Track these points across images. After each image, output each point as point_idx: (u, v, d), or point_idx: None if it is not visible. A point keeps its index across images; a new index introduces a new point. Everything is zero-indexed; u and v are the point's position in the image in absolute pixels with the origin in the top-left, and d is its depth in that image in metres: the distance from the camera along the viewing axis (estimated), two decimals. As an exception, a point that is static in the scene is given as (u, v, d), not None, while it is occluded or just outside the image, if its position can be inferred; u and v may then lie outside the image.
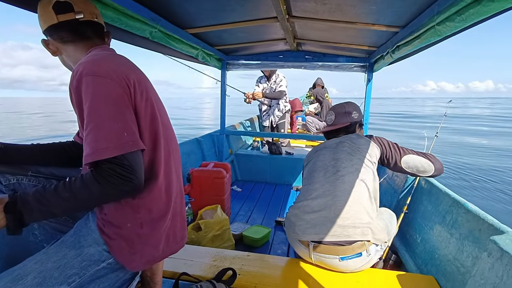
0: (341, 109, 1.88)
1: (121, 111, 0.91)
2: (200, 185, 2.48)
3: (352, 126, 1.87)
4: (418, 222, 1.88)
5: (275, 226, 2.63)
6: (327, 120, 1.93)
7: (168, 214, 1.07)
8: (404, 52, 2.10)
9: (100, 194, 0.88)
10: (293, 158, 3.92)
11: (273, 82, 4.67)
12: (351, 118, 1.87)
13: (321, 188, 1.61)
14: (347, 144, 1.72)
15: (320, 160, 1.73)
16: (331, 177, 1.60)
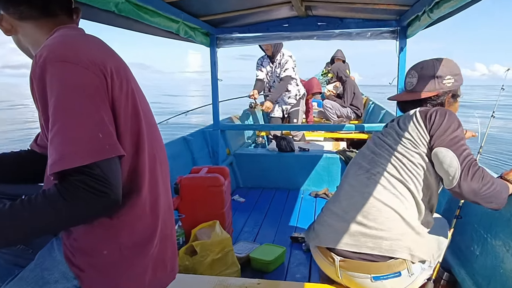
0: (429, 69, 1.63)
1: (96, 107, 0.91)
2: (191, 197, 2.49)
3: (440, 98, 1.63)
4: (475, 228, 1.87)
5: (291, 244, 2.63)
6: (405, 82, 1.72)
7: (155, 237, 1.07)
8: (446, 9, 2.08)
9: (67, 214, 0.88)
10: (309, 156, 3.92)
11: (278, 65, 4.66)
12: (441, 85, 1.61)
13: (349, 187, 1.61)
14: (404, 123, 1.57)
15: (364, 148, 1.72)
16: (362, 175, 1.60)
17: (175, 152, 3.23)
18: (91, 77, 0.91)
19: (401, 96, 1.73)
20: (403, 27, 3.19)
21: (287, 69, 4.62)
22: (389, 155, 1.56)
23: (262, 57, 4.80)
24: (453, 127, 1.46)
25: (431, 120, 1.50)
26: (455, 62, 1.66)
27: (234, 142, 4.51)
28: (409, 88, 1.69)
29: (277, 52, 4.62)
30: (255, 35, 3.54)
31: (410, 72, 1.69)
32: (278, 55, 4.64)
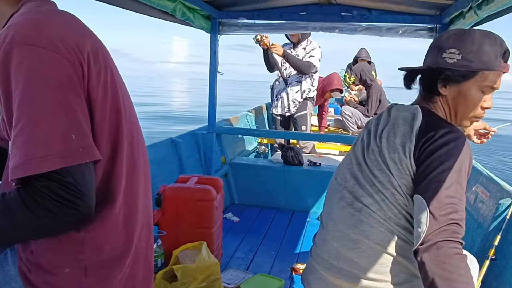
0: (438, 38, 1.48)
1: (69, 102, 0.91)
2: (175, 211, 2.49)
3: (429, 78, 1.47)
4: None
5: (290, 277, 2.63)
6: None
7: (127, 257, 1.08)
8: (498, 7, 2.10)
9: (28, 224, 0.89)
10: (320, 172, 3.93)
11: (301, 50, 4.65)
12: (437, 59, 1.42)
13: (332, 226, 1.56)
14: (391, 129, 1.45)
15: (344, 165, 1.64)
16: (347, 209, 1.52)
17: (160, 157, 3.24)
18: (64, 64, 0.91)
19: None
20: (444, 24, 3.21)
21: (313, 56, 4.60)
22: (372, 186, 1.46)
23: (285, 44, 4.81)
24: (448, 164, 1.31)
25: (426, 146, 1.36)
26: (493, 35, 1.41)
27: (232, 149, 4.52)
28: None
29: (303, 38, 4.65)
30: (265, 23, 3.57)
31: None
32: (305, 41, 4.67)
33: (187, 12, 3.00)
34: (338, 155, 5.26)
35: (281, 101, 4.90)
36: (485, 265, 1.93)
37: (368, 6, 3.32)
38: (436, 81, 1.44)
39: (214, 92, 3.82)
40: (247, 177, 4.06)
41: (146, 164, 1.19)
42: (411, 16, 3.28)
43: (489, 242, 2.16)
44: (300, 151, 4.13)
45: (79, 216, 0.90)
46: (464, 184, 1.35)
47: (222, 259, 2.73)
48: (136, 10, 2.64)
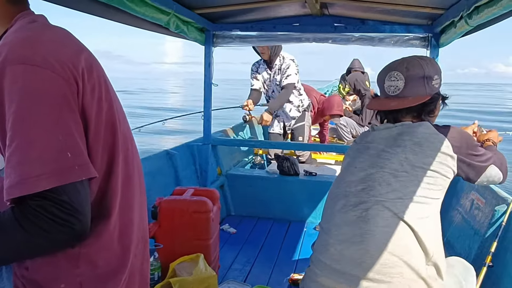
0: (416, 69, 1.66)
1: (64, 120, 0.91)
2: (172, 224, 2.48)
3: (433, 103, 1.70)
4: None
5: (289, 287, 2.61)
6: (385, 86, 1.71)
7: (123, 272, 1.07)
8: (488, 16, 2.12)
9: (23, 244, 0.88)
10: (316, 182, 3.93)
11: (278, 71, 4.66)
12: (431, 87, 1.67)
13: (335, 230, 1.59)
14: (406, 146, 1.58)
15: (347, 174, 1.69)
16: (351, 212, 1.56)
17: (155, 169, 3.23)
18: (59, 83, 0.91)
19: (387, 104, 1.70)
20: (436, 34, 3.24)
21: (290, 75, 4.59)
22: (391, 189, 1.54)
23: (258, 62, 4.77)
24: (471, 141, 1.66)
25: (454, 139, 1.60)
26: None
27: (227, 160, 4.51)
28: (393, 93, 1.68)
29: (275, 56, 4.58)
30: (259, 34, 3.58)
31: (392, 74, 1.68)
32: (277, 59, 4.62)
33: (181, 25, 3.02)
34: (334, 165, 5.27)
35: (279, 120, 4.97)
36: (482, 272, 1.93)
37: (360, 17, 3.35)
38: (436, 104, 1.72)
39: (209, 104, 3.82)
40: (243, 188, 4.05)
41: (140, 178, 1.19)
42: (404, 26, 3.31)
43: (486, 249, 2.16)
44: (296, 161, 4.13)
45: (73, 234, 0.89)
46: None
47: (219, 271, 2.72)
48: (130, 24, 2.65)
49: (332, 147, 5.38)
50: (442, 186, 1.56)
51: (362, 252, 1.50)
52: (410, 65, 1.66)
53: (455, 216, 2.93)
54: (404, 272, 1.46)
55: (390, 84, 1.69)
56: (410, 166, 1.55)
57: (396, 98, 1.68)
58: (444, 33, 3.11)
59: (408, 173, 1.55)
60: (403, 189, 1.53)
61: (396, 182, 1.54)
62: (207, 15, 3.31)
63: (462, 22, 2.43)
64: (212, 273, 2.18)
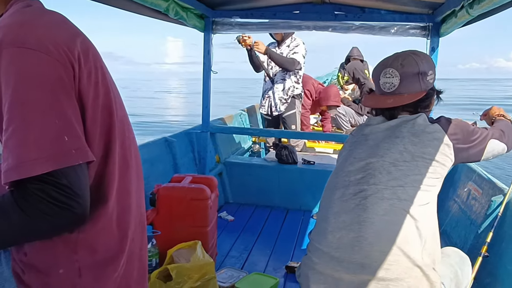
0: (411, 66, 1.68)
1: (61, 104, 0.91)
2: (170, 211, 2.49)
3: (429, 99, 1.74)
4: (508, 270, 1.89)
5: (285, 275, 2.63)
6: (381, 83, 1.73)
7: (121, 257, 1.08)
8: (489, 5, 2.11)
9: (24, 227, 0.89)
10: (314, 170, 3.94)
11: (285, 47, 4.65)
12: (426, 83, 1.70)
13: (333, 218, 1.60)
14: (404, 137, 1.61)
15: (346, 165, 1.71)
16: (350, 201, 1.59)
17: (154, 156, 3.23)
18: (55, 65, 0.91)
19: (383, 102, 1.72)
20: (436, 23, 3.23)
21: (297, 52, 4.59)
22: (391, 177, 1.57)
23: (270, 43, 4.81)
24: (466, 127, 1.69)
25: (452, 130, 1.64)
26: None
27: (226, 148, 4.52)
28: (389, 90, 1.70)
29: (287, 36, 4.64)
30: (259, 22, 3.57)
31: (388, 71, 1.70)
32: (288, 39, 4.66)
33: (180, 11, 3.00)
34: (333, 154, 5.28)
35: (268, 100, 4.87)
36: (477, 262, 1.94)
37: (361, 5, 3.33)
38: (431, 99, 1.76)
39: (208, 92, 3.81)
40: (241, 176, 4.06)
41: (138, 164, 1.19)
42: (404, 15, 3.30)
43: (482, 239, 2.17)
44: (294, 149, 4.14)
45: (74, 217, 0.90)
46: None
47: (217, 258, 2.74)
48: (129, 9, 2.63)
49: (331, 136, 5.38)
50: (441, 174, 1.59)
51: (361, 240, 1.51)
52: (405, 62, 1.68)
53: (452, 206, 2.95)
54: (401, 260, 1.48)
55: (385, 81, 1.71)
56: (410, 156, 1.57)
57: (391, 95, 1.70)
58: (444, 23, 3.09)
59: (408, 162, 1.57)
60: (403, 178, 1.55)
61: (397, 171, 1.56)
62: (206, 1, 3.29)
63: (463, 11, 2.42)
64: (209, 260, 2.19)
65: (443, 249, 1.69)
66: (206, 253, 2.27)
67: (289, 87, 4.75)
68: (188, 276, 2.07)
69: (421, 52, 1.77)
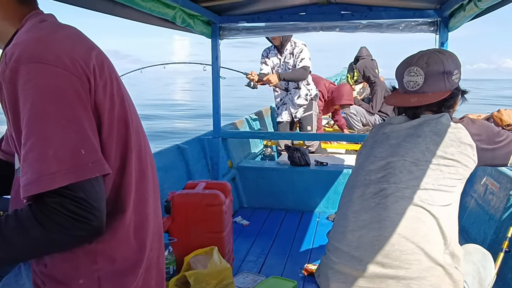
0: (436, 64, 1.65)
1: (78, 118, 0.92)
2: (185, 217, 2.49)
3: (453, 99, 1.70)
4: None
5: (303, 278, 2.62)
6: (404, 81, 1.70)
7: (140, 266, 1.09)
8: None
9: (42, 241, 0.90)
10: (327, 171, 3.92)
11: (289, 55, 4.64)
12: (451, 82, 1.66)
13: (353, 217, 1.59)
14: (426, 136, 1.59)
15: (366, 163, 1.69)
16: (371, 199, 1.58)
17: (167, 164, 3.25)
18: (72, 80, 0.92)
19: (407, 100, 1.70)
20: (445, 18, 3.20)
21: (304, 58, 4.55)
22: (412, 177, 1.55)
23: (268, 48, 4.77)
24: (491, 127, 1.64)
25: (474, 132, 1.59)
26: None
27: (238, 153, 4.53)
28: (413, 88, 1.68)
29: (286, 41, 4.59)
30: (265, 25, 3.57)
31: (412, 70, 1.67)
32: (288, 44, 4.61)
33: (187, 19, 3.01)
34: (345, 154, 5.25)
35: (287, 108, 4.91)
36: (499, 258, 1.92)
37: (367, 3, 3.32)
38: (456, 99, 1.72)
39: (217, 97, 3.82)
40: (254, 180, 4.06)
41: (154, 173, 1.20)
42: (411, 11, 3.27)
43: (502, 234, 2.15)
44: (306, 151, 4.12)
45: (91, 230, 0.91)
46: None
47: (233, 263, 2.73)
48: (137, 19, 2.66)
49: (343, 136, 5.36)
50: (463, 176, 1.56)
51: (381, 239, 1.50)
52: (430, 60, 1.65)
53: (469, 202, 2.92)
54: (422, 259, 1.47)
55: (409, 79, 1.68)
56: (431, 155, 1.55)
57: (415, 93, 1.67)
58: (453, 17, 3.07)
59: (430, 162, 1.55)
60: (425, 178, 1.53)
61: (418, 171, 1.54)
62: (213, 7, 3.30)
63: (471, 4, 2.40)
64: (226, 265, 2.19)
65: (463, 246, 1.66)
66: (223, 259, 2.27)
67: (305, 93, 4.80)
68: (206, 282, 2.07)
69: (447, 51, 1.74)
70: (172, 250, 2.37)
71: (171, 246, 2.38)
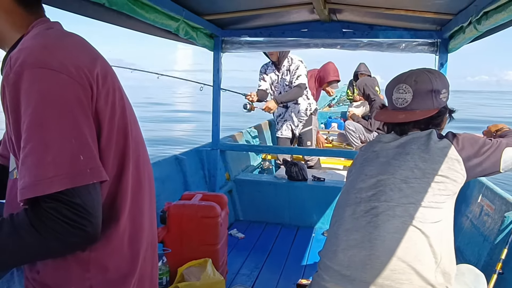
0: (424, 83, 1.69)
1: (78, 125, 0.93)
2: (180, 229, 2.49)
3: (441, 117, 1.74)
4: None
5: (297, 293, 2.61)
6: (393, 98, 1.73)
7: (132, 276, 1.08)
8: (497, 22, 2.11)
9: (36, 246, 0.90)
10: (324, 187, 3.93)
11: (286, 72, 4.69)
12: (439, 100, 1.70)
13: (346, 239, 1.58)
14: (414, 153, 1.61)
15: (357, 182, 1.70)
16: (361, 218, 1.57)
17: (164, 174, 3.25)
18: (75, 87, 0.93)
19: (395, 117, 1.72)
20: (445, 39, 3.24)
21: (300, 75, 4.61)
22: (402, 195, 1.55)
23: (266, 64, 4.83)
24: (474, 139, 1.65)
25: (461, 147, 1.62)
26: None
27: (236, 165, 4.53)
28: (401, 105, 1.71)
29: (283, 57, 4.65)
30: (267, 40, 3.60)
31: (401, 87, 1.71)
32: (285, 60, 4.67)
33: (190, 31, 3.04)
34: (342, 170, 5.25)
35: (287, 124, 4.95)
36: (492, 280, 1.92)
37: (369, 23, 3.36)
38: (443, 118, 1.76)
39: (217, 110, 3.84)
40: (251, 193, 4.06)
41: (151, 182, 1.20)
42: (412, 32, 3.31)
43: (496, 256, 2.14)
44: (304, 166, 4.13)
45: (86, 237, 0.91)
46: None
47: (227, 276, 2.72)
48: (141, 30, 2.68)
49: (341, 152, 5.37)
50: (452, 191, 1.57)
51: (372, 258, 1.50)
52: (419, 79, 1.69)
53: (464, 223, 2.92)
54: (413, 278, 1.46)
55: (398, 97, 1.71)
56: (421, 173, 1.56)
57: (403, 110, 1.70)
58: (453, 39, 3.10)
59: (419, 179, 1.56)
60: (415, 195, 1.54)
61: (408, 188, 1.55)
62: (216, 21, 3.33)
63: (471, 27, 2.43)
64: (220, 278, 2.18)
65: (457, 267, 1.66)
66: (216, 271, 2.27)
67: (305, 108, 4.84)
68: (198, 294, 2.07)
69: (436, 70, 1.78)
70: (166, 260, 2.37)
71: (165, 257, 2.38)
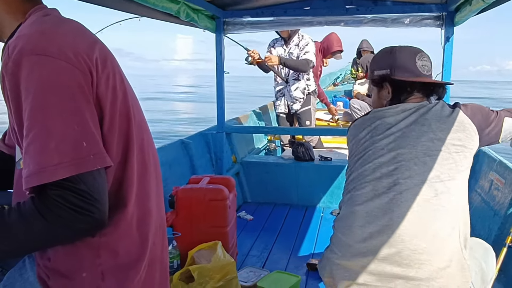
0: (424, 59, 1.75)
1: (80, 110, 0.93)
2: (189, 212, 2.50)
3: (446, 88, 1.79)
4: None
5: (307, 272, 2.63)
6: (418, 65, 1.67)
7: (142, 260, 1.09)
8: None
9: (44, 233, 0.91)
10: (331, 166, 3.92)
11: (294, 46, 4.64)
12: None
13: (366, 215, 1.54)
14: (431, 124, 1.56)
15: (376, 156, 1.60)
16: (383, 195, 1.53)
17: (171, 158, 3.26)
18: (75, 73, 0.92)
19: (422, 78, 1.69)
20: (450, 12, 3.18)
21: (308, 52, 4.56)
22: (427, 168, 1.52)
23: (276, 39, 4.80)
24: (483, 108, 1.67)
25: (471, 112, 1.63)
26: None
27: (242, 147, 4.53)
28: (427, 72, 1.70)
29: (294, 33, 4.62)
30: (270, 20, 3.56)
31: (423, 55, 1.70)
32: (296, 36, 4.64)
33: (191, 13, 3.01)
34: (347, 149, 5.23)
35: (284, 99, 4.91)
36: (502, 253, 1.92)
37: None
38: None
39: (222, 92, 3.82)
40: (258, 175, 4.06)
41: (156, 167, 1.20)
42: (417, 6, 3.26)
43: (506, 230, 2.14)
44: (310, 146, 4.12)
45: (93, 222, 0.91)
46: None
47: (237, 258, 2.74)
48: (141, 14, 2.66)
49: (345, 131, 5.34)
50: (469, 161, 1.57)
51: (392, 236, 1.47)
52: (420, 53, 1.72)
53: (474, 198, 2.91)
54: (433, 259, 1.45)
55: (424, 64, 1.69)
56: (441, 143, 1.53)
57: (430, 78, 1.72)
58: (459, 11, 3.05)
59: (441, 150, 1.53)
60: (439, 168, 1.51)
61: (431, 161, 1.52)
62: (217, 2, 3.30)
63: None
64: (230, 260, 2.20)
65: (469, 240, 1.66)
66: (226, 253, 2.28)
67: (304, 86, 4.78)
68: (210, 276, 2.08)
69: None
70: (176, 244, 2.38)
71: (175, 241, 2.39)
